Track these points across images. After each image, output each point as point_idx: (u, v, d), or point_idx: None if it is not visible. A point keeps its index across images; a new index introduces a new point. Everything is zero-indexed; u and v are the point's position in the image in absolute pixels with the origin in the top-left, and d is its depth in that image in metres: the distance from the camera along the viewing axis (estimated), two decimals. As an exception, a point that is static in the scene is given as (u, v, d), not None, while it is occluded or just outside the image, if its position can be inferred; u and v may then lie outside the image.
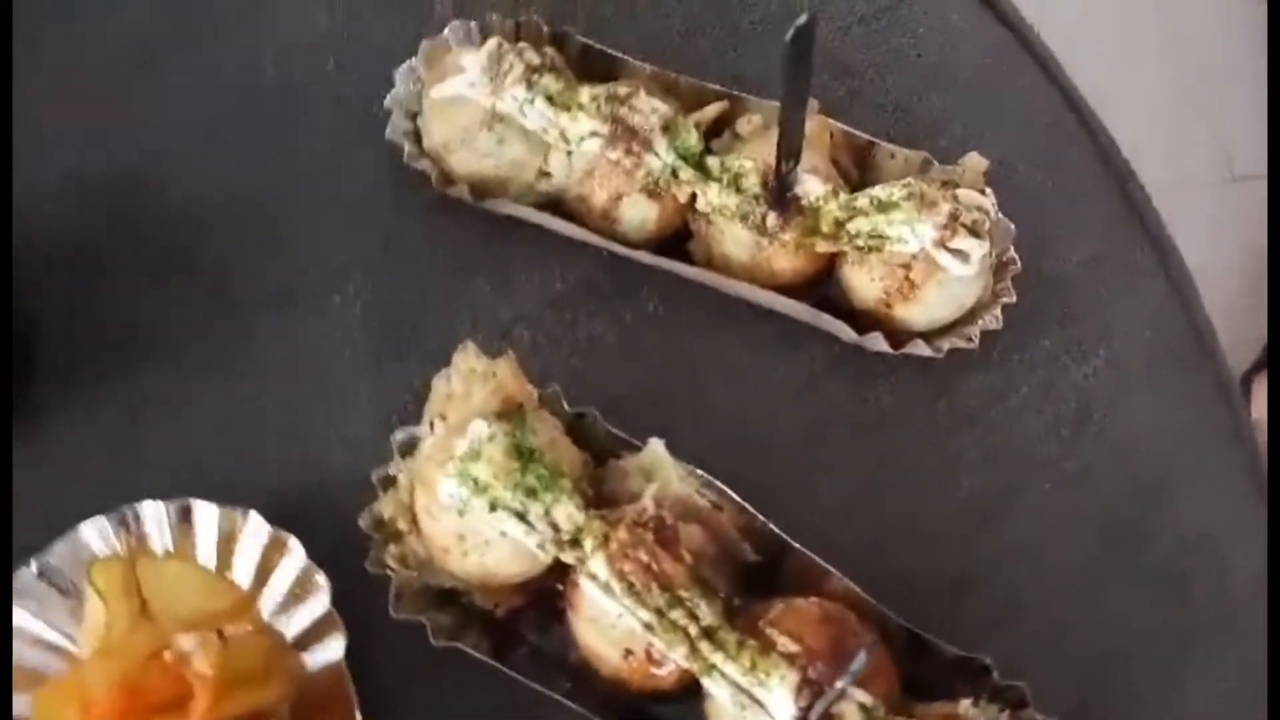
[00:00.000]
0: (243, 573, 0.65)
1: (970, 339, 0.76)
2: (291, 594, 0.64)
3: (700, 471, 0.69)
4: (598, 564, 0.62)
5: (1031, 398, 0.80)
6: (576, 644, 0.65)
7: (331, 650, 0.62)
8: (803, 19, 0.60)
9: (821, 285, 0.79)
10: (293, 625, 0.64)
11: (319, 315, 0.77)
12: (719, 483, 0.68)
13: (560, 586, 0.66)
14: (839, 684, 0.58)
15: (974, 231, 0.74)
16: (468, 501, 0.61)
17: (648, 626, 0.60)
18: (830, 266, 0.78)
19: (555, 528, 0.62)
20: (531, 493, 0.61)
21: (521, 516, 0.61)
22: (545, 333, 0.78)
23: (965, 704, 0.61)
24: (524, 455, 0.62)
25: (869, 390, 0.79)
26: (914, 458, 0.78)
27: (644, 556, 0.62)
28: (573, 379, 0.76)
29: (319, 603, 0.63)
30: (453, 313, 0.78)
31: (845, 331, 0.77)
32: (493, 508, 0.61)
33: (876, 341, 0.76)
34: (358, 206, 0.81)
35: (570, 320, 0.79)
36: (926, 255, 0.73)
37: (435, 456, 0.64)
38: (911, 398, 0.79)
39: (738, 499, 0.68)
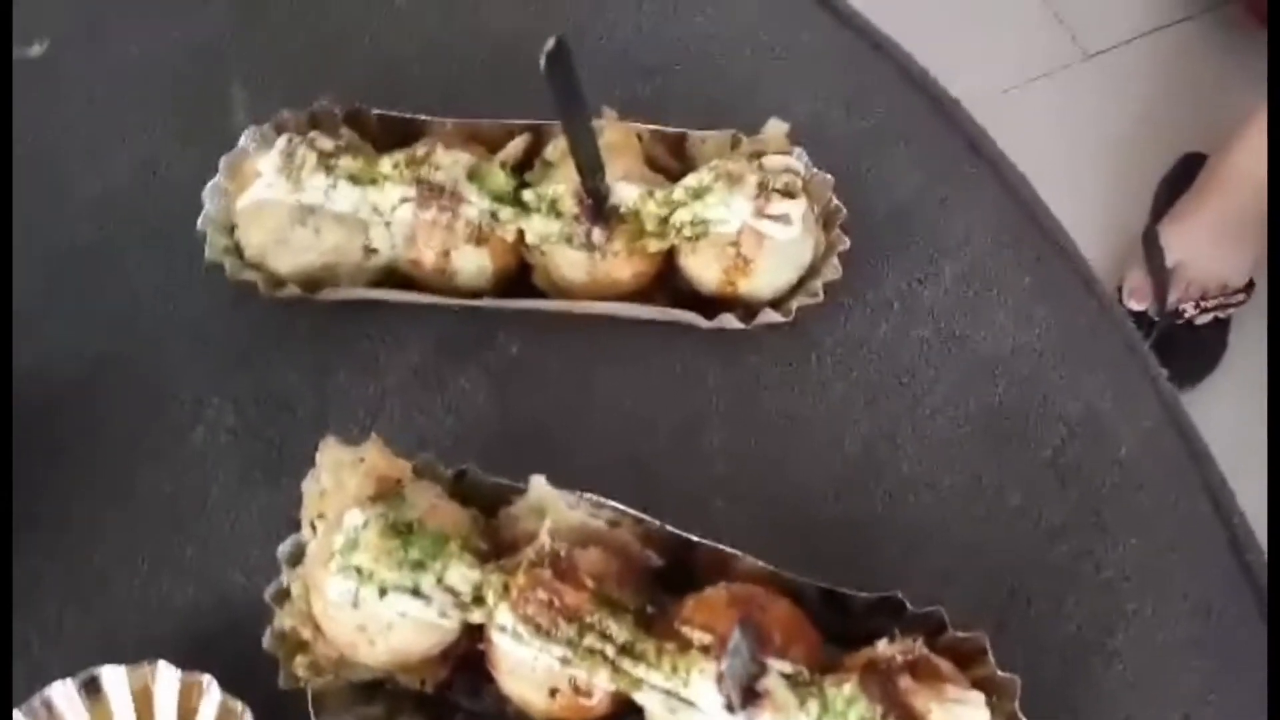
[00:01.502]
0: (165, 723, 0.65)
1: (815, 294, 0.78)
2: (217, 731, 0.64)
3: (587, 495, 0.69)
4: (503, 615, 0.62)
5: (894, 331, 0.81)
6: (508, 699, 0.66)
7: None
8: (550, 43, 0.62)
9: (667, 280, 0.81)
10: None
11: (187, 450, 0.77)
12: (608, 501, 0.69)
13: (481, 647, 0.67)
14: (727, 662, 0.59)
15: (788, 193, 0.75)
16: (358, 593, 0.61)
17: (564, 660, 0.61)
18: (670, 261, 0.80)
19: (454, 592, 0.63)
20: (419, 566, 0.62)
21: (415, 592, 0.62)
22: (414, 402, 0.79)
23: (881, 643, 0.62)
24: (402, 531, 0.62)
25: (739, 368, 0.81)
26: (799, 420, 0.79)
27: (544, 595, 0.62)
28: (452, 440, 0.78)
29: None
30: (318, 411, 0.78)
31: (698, 320, 0.78)
32: (383, 592, 0.61)
33: (730, 321, 0.77)
34: (200, 334, 0.81)
35: (436, 382, 0.80)
36: (749, 228, 0.75)
37: (320, 557, 0.64)
38: (782, 364, 0.81)
39: (630, 511, 0.69)
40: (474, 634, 0.66)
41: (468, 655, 0.68)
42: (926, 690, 0.59)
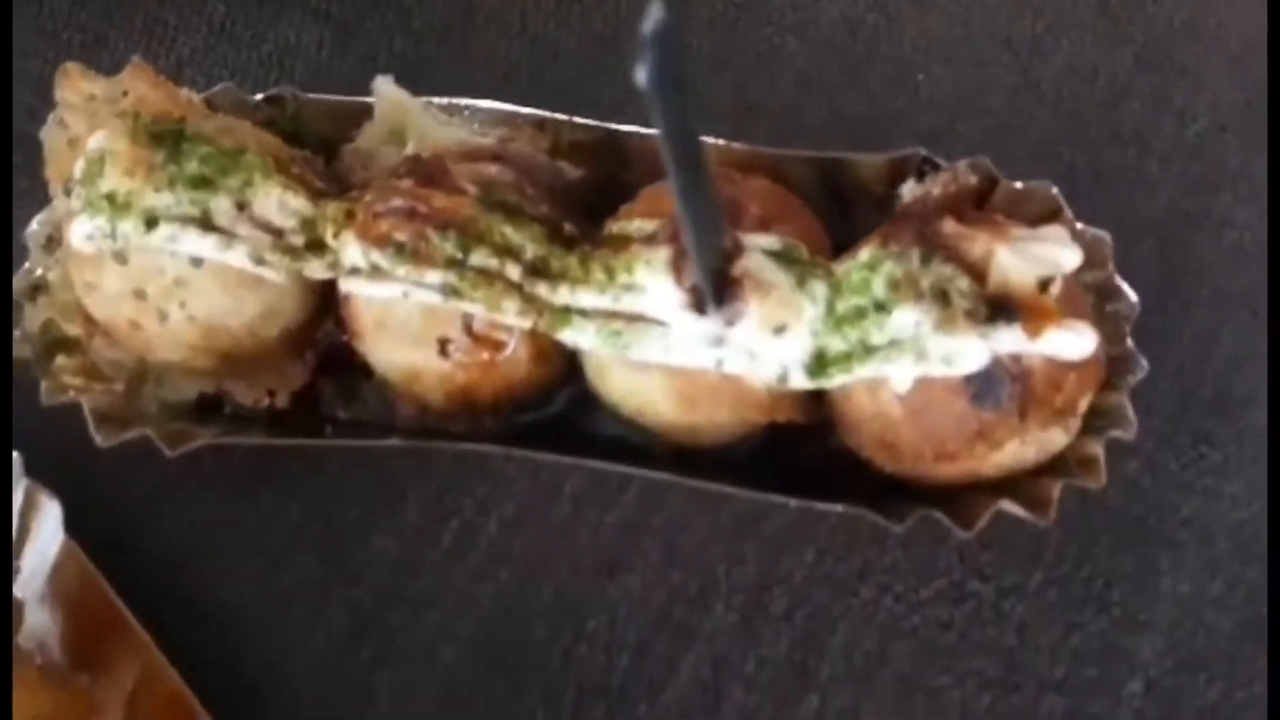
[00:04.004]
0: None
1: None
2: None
3: (467, 102, 0.49)
4: (348, 248, 0.42)
5: None
6: (393, 388, 0.46)
7: (47, 532, 0.42)
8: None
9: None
10: None
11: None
12: (493, 103, 0.49)
13: (344, 337, 0.47)
14: (688, 230, 0.35)
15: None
16: (115, 231, 0.40)
17: (449, 291, 0.40)
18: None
19: (269, 228, 0.42)
20: (203, 183, 0.41)
21: (204, 223, 0.41)
22: (218, 59, 0.58)
23: (906, 186, 0.42)
24: (169, 139, 0.41)
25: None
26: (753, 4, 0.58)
27: (401, 203, 0.42)
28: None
29: (15, 485, 0.43)
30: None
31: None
32: (151, 223, 0.40)
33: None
34: None
35: (248, 36, 0.58)
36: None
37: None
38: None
39: (531, 111, 0.48)
40: (326, 310, 0.46)
41: (332, 354, 0.48)
42: (982, 230, 0.39)
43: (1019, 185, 0.44)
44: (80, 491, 0.45)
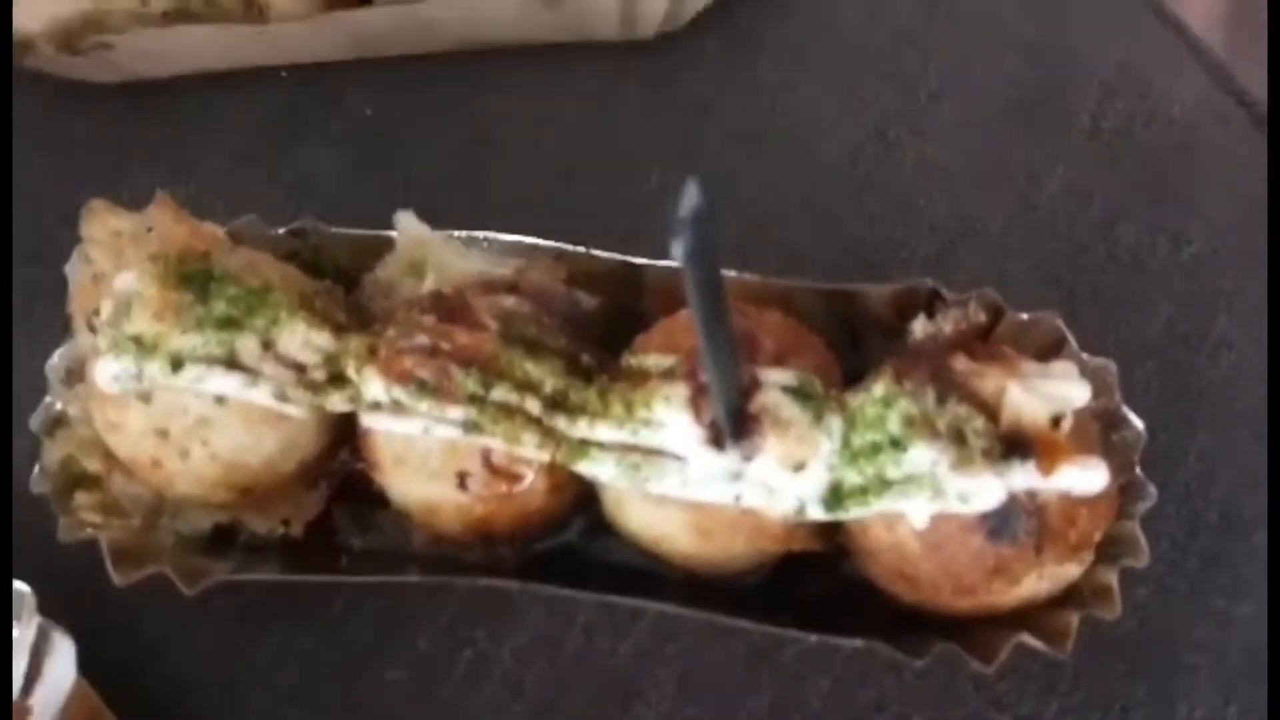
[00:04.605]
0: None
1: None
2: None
3: (485, 234, 0.50)
4: (371, 384, 0.43)
5: (864, 12, 0.62)
6: (410, 519, 0.46)
7: (59, 671, 0.42)
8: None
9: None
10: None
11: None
12: (512, 236, 0.50)
13: (359, 465, 0.47)
14: (709, 366, 0.37)
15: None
16: (141, 373, 0.41)
17: (470, 426, 0.41)
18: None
19: (293, 365, 0.43)
20: (229, 324, 0.42)
21: (230, 363, 0.42)
22: (238, 189, 0.58)
23: (917, 323, 0.43)
24: (198, 279, 0.42)
25: (669, 88, 0.60)
26: (753, 136, 0.59)
27: (425, 341, 0.43)
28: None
29: (23, 622, 0.43)
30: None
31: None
32: (177, 365, 0.41)
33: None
34: None
35: (266, 167, 0.59)
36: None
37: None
38: (723, 73, 0.61)
39: (546, 243, 0.50)
40: (343, 440, 0.47)
41: (345, 478, 0.49)
42: (993, 367, 0.40)
43: (1024, 316, 0.45)
44: (92, 627, 0.45)
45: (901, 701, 0.45)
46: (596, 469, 0.42)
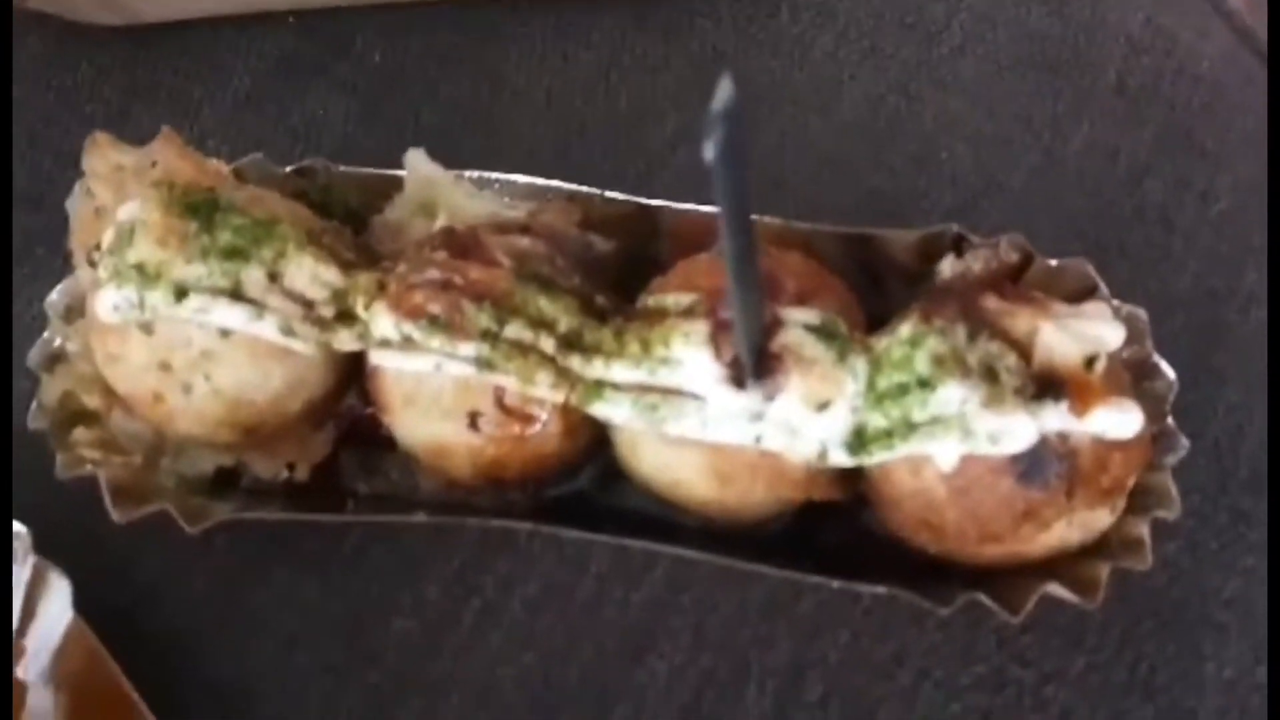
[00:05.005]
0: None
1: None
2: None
3: (498, 175, 0.49)
4: (381, 322, 0.41)
5: None
6: (418, 463, 0.45)
7: (55, 611, 0.41)
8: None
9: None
10: None
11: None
12: (525, 177, 0.48)
13: (368, 409, 0.46)
14: (734, 298, 0.35)
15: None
16: (142, 302, 0.40)
17: (483, 363, 0.40)
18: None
19: (300, 299, 0.42)
20: (235, 254, 0.40)
21: (235, 294, 0.40)
22: (245, 135, 0.57)
23: (946, 262, 0.42)
24: (203, 209, 0.41)
25: (687, 39, 0.59)
26: (774, 89, 0.57)
27: (436, 274, 0.41)
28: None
29: (21, 561, 0.42)
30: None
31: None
32: (181, 294, 0.39)
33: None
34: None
35: (275, 110, 0.58)
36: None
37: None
38: (743, 26, 0.60)
39: (558, 184, 0.48)
40: (350, 381, 0.45)
41: (353, 422, 0.47)
42: (1025, 307, 0.39)
43: (1053, 262, 0.44)
44: (89, 568, 0.43)
45: (922, 655, 0.44)
46: (612, 410, 0.41)
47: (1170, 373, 0.43)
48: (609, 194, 0.48)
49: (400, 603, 0.46)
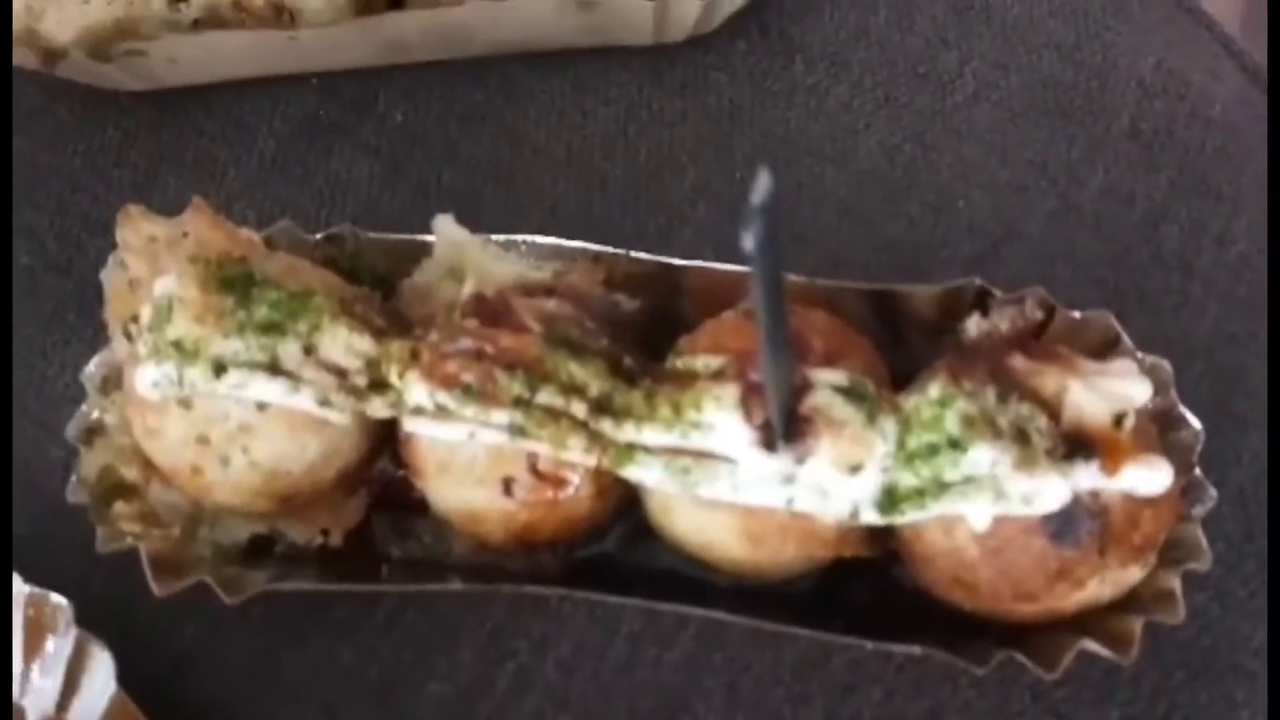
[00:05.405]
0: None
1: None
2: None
3: (523, 237, 0.49)
4: (415, 390, 0.42)
5: (896, 12, 0.61)
6: (450, 527, 0.45)
7: (98, 683, 0.41)
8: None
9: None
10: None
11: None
12: (551, 239, 0.49)
13: (400, 473, 0.46)
14: (765, 359, 0.36)
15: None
16: (181, 378, 0.40)
17: (516, 431, 0.40)
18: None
19: (335, 370, 0.42)
20: (272, 329, 0.41)
21: (273, 368, 0.41)
22: (271, 198, 0.58)
23: (971, 321, 0.42)
24: (239, 283, 0.41)
25: (704, 92, 0.60)
26: (790, 138, 0.58)
27: (470, 344, 0.42)
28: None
29: (60, 632, 0.42)
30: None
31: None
32: (219, 370, 0.40)
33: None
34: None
35: (300, 172, 0.59)
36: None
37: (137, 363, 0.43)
38: (759, 77, 0.60)
39: (584, 245, 0.49)
40: (382, 447, 0.46)
41: (385, 486, 0.48)
42: (1052, 366, 0.39)
43: (1076, 315, 0.44)
44: (127, 639, 0.44)
45: (957, 712, 0.44)
46: (644, 473, 0.41)
47: (1196, 423, 0.44)
48: (634, 253, 0.48)
49: (435, 667, 0.46)
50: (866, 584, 0.44)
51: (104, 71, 0.58)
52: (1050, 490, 0.36)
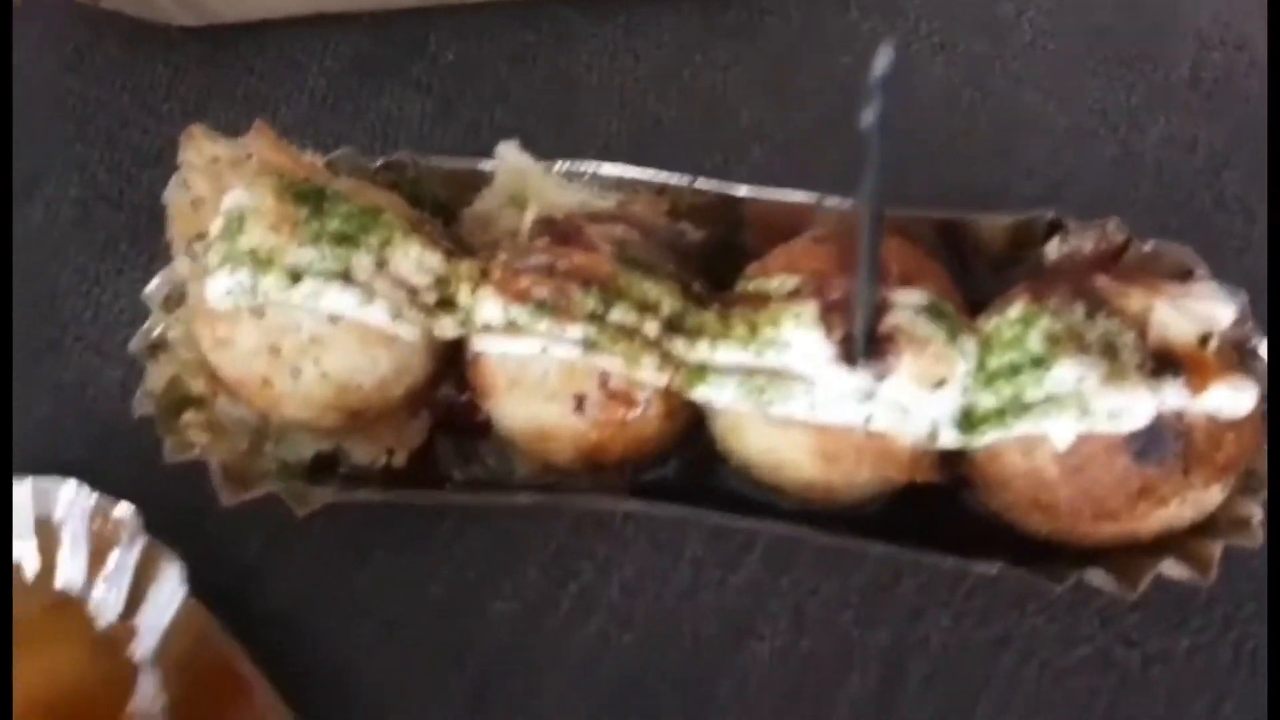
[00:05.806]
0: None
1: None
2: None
3: (587, 166, 0.49)
4: (487, 307, 0.41)
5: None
6: (518, 449, 0.45)
7: (167, 591, 0.41)
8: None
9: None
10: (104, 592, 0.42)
11: (26, 229, 0.56)
12: (617, 167, 0.49)
13: (464, 397, 0.46)
14: (862, 276, 0.36)
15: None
16: (256, 286, 0.40)
17: (589, 345, 0.40)
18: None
19: (406, 286, 0.42)
20: (345, 240, 0.41)
21: (346, 278, 0.41)
22: (324, 133, 0.57)
23: (1052, 244, 0.42)
24: (311, 196, 0.41)
25: (756, 37, 0.60)
26: (848, 83, 0.59)
27: (543, 259, 0.42)
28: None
29: (129, 542, 0.42)
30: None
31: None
32: (295, 277, 0.40)
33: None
34: (32, 88, 0.59)
35: (352, 109, 0.58)
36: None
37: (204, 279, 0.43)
38: (814, 28, 0.61)
39: (652, 175, 0.48)
40: (446, 370, 0.45)
41: (450, 410, 0.47)
42: (1137, 286, 0.39)
43: (1149, 247, 0.44)
44: (192, 550, 0.44)
45: (1025, 637, 0.44)
46: (715, 393, 0.41)
47: (1266, 354, 0.43)
48: (699, 184, 0.48)
49: (498, 586, 0.46)
50: (933, 510, 0.44)
51: (154, 5, 0.58)
52: (1137, 406, 0.36)
